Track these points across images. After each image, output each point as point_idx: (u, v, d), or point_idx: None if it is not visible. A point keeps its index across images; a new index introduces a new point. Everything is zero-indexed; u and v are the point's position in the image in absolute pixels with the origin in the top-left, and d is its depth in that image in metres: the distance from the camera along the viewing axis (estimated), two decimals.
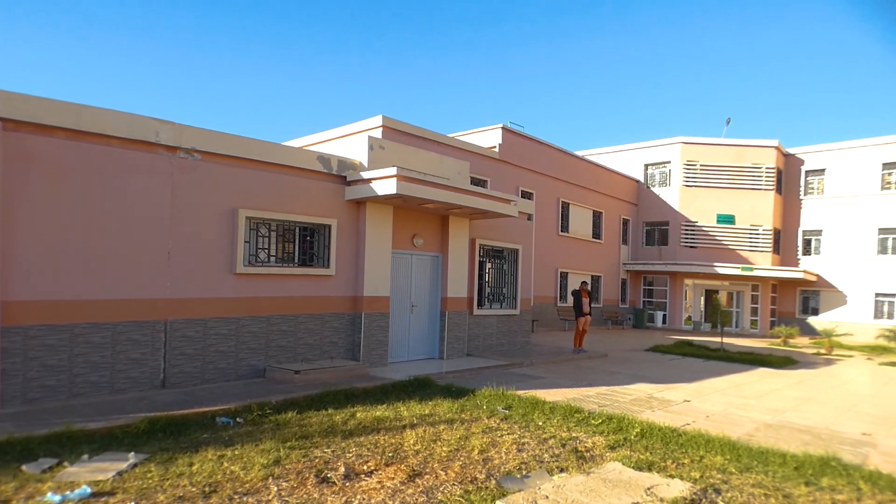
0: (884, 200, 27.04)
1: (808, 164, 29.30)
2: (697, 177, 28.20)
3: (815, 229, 29.01)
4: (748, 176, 28.13)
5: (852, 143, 28.22)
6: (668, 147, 28.86)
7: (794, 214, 29.51)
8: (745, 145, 28.36)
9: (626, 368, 12.53)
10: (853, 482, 5.30)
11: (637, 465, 5.51)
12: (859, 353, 19.81)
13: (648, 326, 27.33)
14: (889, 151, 26.99)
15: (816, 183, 29.32)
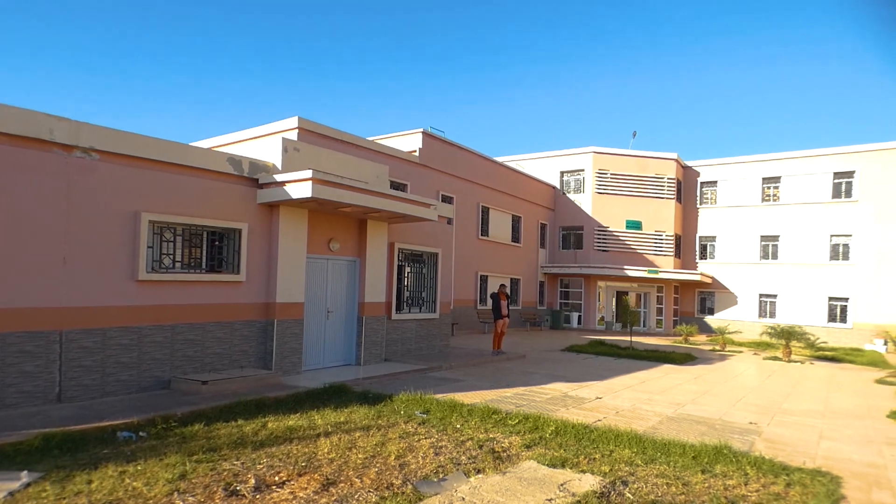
0: (765, 211, 29.93)
1: (703, 177, 31.77)
2: (608, 185, 29.70)
3: (709, 235, 31.47)
4: (652, 185, 30.01)
5: (738, 159, 30.98)
6: (582, 156, 30.20)
7: (692, 222, 31.82)
8: (648, 157, 30.24)
9: (543, 369, 12.93)
10: (741, 468, 5.75)
11: (551, 463, 5.68)
12: (748, 349, 21.58)
13: (565, 327, 28.41)
14: (767, 167, 29.98)
15: (710, 194, 31.82)
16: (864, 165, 27.59)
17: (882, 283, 26.73)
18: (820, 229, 28.43)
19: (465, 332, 21.93)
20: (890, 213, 26.80)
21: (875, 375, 14.97)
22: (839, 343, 26.08)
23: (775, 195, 29.93)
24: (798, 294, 28.72)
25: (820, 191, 28.69)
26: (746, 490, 5.17)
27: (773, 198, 29.97)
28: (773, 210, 29.73)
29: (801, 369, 16.05)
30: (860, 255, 27.39)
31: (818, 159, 28.84)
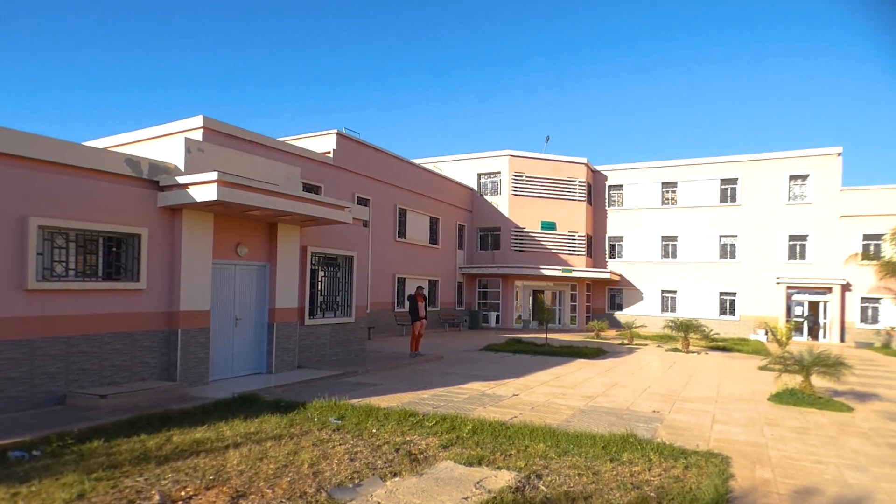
0: (665, 213, 32.23)
1: (611, 180, 33.59)
2: (524, 187, 30.63)
3: (617, 236, 33.30)
4: (565, 188, 31.30)
5: (641, 165, 33.13)
6: (498, 159, 30.95)
7: (602, 223, 33.53)
8: (561, 161, 31.50)
9: (461, 369, 13.11)
10: (646, 454, 6.12)
11: (468, 461, 5.78)
12: (652, 342, 22.98)
13: (483, 327, 28.95)
14: (666, 173, 32.31)
15: (617, 196, 33.67)
16: (745, 173, 30.42)
17: (761, 280, 29.51)
18: (711, 231, 31.02)
19: (382, 335, 21.81)
20: (766, 216, 29.73)
21: (758, 363, 16.37)
22: (729, 334, 28.45)
23: (673, 199, 32.22)
24: (695, 290, 31.09)
25: (710, 195, 31.28)
26: (650, 475, 5.51)
27: (671, 201, 32.28)
28: (672, 213, 32.00)
29: (697, 359, 17.30)
30: (744, 254, 30.11)
31: (708, 167, 31.40)
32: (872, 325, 27.70)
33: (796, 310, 29.21)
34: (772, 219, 29.63)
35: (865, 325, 27.92)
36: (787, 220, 29.36)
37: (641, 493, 4.98)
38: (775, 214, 29.60)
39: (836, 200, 28.49)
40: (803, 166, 29.28)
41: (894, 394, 11.92)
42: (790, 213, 29.36)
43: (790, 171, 29.51)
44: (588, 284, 32.18)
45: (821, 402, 9.83)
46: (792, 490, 5.34)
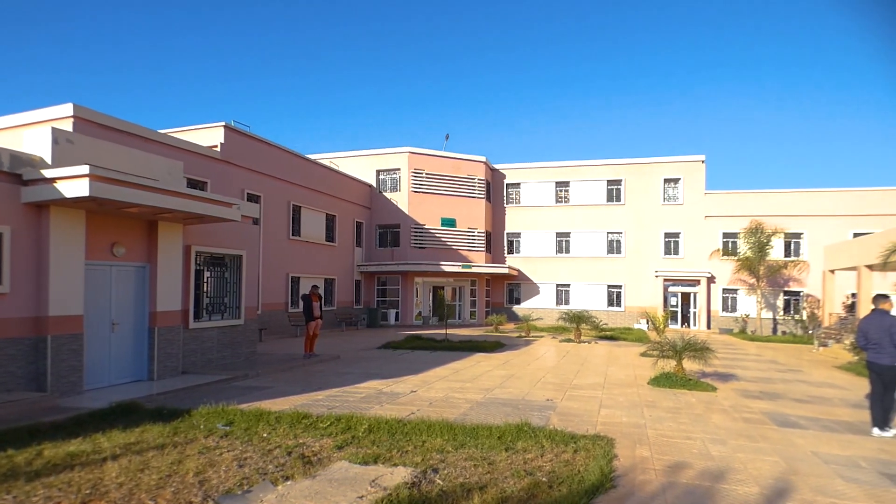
0: (559, 211, 33.93)
1: (509, 179, 34.75)
2: (424, 184, 30.81)
3: (515, 232, 34.53)
4: (465, 185, 31.89)
5: (537, 165, 34.65)
6: (398, 155, 30.88)
7: (501, 220, 34.59)
8: (461, 158, 32.06)
9: (358, 368, 12.94)
10: (539, 441, 6.38)
11: (364, 460, 5.72)
12: (548, 334, 24.05)
13: (382, 325, 28.78)
14: (560, 173, 34.10)
15: (515, 194, 34.90)
16: (628, 175, 32.85)
17: (643, 273, 31.95)
18: (600, 228, 33.10)
19: (275, 337, 21.06)
20: (646, 215, 32.31)
21: (640, 350, 17.66)
22: (616, 324, 30.55)
23: (566, 198, 33.98)
24: (586, 283, 32.99)
25: (598, 195, 33.39)
26: (542, 461, 5.75)
27: (564, 200, 34.05)
28: (565, 211, 33.74)
29: (588, 348, 18.34)
30: (629, 250, 32.45)
31: (596, 168, 33.49)
32: (732, 313, 30.96)
33: (671, 300, 31.92)
34: (651, 218, 32.20)
35: (726, 313, 31.16)
36: (663, 219, 32.08)
37: (534, 478, 5.18)
38: (653, 214, 32.21)
39: (701, 202, 31.53)
40: (675, 171, 32.09)
41: (749, 374, 13.35)
42: (665, 213, 32.08)
43: (665, 175, 32.25)
44: (487, 280, 33.06)
45: (691, 384, 10.79)
46: (666, 465, 5.81)
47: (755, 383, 11.88)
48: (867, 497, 5.12)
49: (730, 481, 5.39)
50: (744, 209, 30.69)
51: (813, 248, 29.54)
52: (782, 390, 11.10)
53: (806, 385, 11.95)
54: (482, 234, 32.16)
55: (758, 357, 17.63)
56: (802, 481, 5.50)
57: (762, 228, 28.10)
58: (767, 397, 10.21)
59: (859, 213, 29.46)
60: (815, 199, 30.41)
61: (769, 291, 30.10)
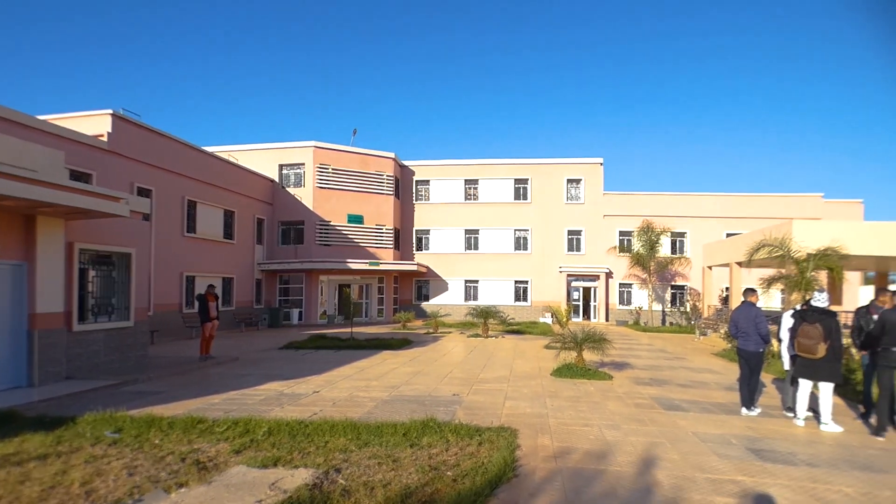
0: (468, 209, 34.55)
1: (418, 176, 34.84)
2: (330, 179, 30.11)
3: (424, 229, 34.69)
4: (373, 181, 31.54)
5: (446, 162, 35.02)
6: (302, 150, 29.97)
7: (409, 216, 34.59)
8: (369, 154, 31.67)
9: (258, 369, 12.41)
10: (444, 436, 6.41)
11: (263, 464, 5.50)
12: (456, 330, 24.37)
13: (285, 324, 27.80)
14: (469, 171, 34.74)
15: (424, 191, 35.05)
16: (533, 175, 34.05)
17: (548, 269, 33.28)
18: (507, 225, 34.07)
19: (169, 339, 19.78)
20: (551, 213, 33.67)
21: (544, 343, 18.36)
22: (523, 318, 31.58)
23: (475, 195, 34.62)
24: (494, 279, 33.81)
25: (506, 193, 34.32)
26: (447, 455, 5.77)
27: (473, 197, 34.69)
28: (474, 208, 34.36)
29: (495, 342, 18.78)
30: (534, 247, 33.64)
31: (504, 167, 34.41)
32: (627, 306, 33.06)
33: (574, 294, 33.49)
34: (555, 216, 33.58)
35: (623, 306, 33.23)
36: (566, 217, 33.56)
37: (438, 473, 5.19)
38: (557, 212, 33.62)
39: (600, 202, 33.38)
40: (577, 172, 33.71)
41: (641, 362, 14.27)
42: (568, 212, 33.59)
43: (567, 176, 33.78)
44: (396, 277, 32.94)
45: (590, 374, 11.35)
46: (564, 452, 6.04)
47: (646, 371, 12.70)
48: (736, 470, 5.63)
49: (623, 463, 5.70)
50: (637, 209, 32.87)
51: (695, 246, 32.22)
52: (669, 377, 11.95)
53: (689, 371, 12.94)
54: (390, 231, 31.99)
55: (649, 346, 18.88)
56: (683, 459, 5.93)
57: (652, 227, 30.26)
58: (656, 383, 10.94)
59: (732, 216, 32.52)
60: (696, 202, 33.16)
61: (659, 285, 32.43)
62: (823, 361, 7.40)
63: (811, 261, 16.11)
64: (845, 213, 32.62)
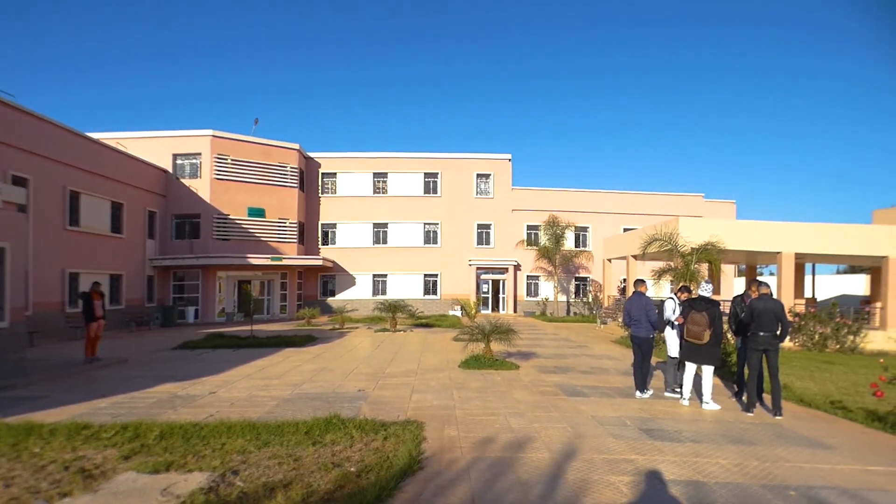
0: (377, 202, 34.16)
1: (324, 168, 33.95)
2: (229, 170, 28.55)
3: (331, 223, 33.89)
4: (275, 173, 30.28)
5: (354, 155, 34.45)
6: (199, 139, 28.17)
7: (315, 210, 33.64)
8: (272, 145, 30.36)
9: (149, 371, 11.52)
10: (348, 433, 6.24)
11: (154, 469, 5.14)
12: (363, 325, 24.02)
13: (179, 323, 26.08)
14: (378, 164, 34.39)
15: (331, 184, 34.24)
16: (444, 169, 34.32)
17: (458, 262, 33.73)
18: (417, 219, 34.09)
19: (51, 340, 17.96)
20: (461, 207, 34.12)
21: (453, 335, 18.54)
22: (433, 311, 31.76)
23: (384, 188, 34.29)
24: (403, 273, 33.73)
25: (416, 187, 34.33)
26: (352, 452, 5.63)
27: (382, 191, 34.35)
28: (383, 201, 34.03)
29: (403, 336, 18.69)
30: (444, 240, 33.94)
31: (414, 161, 34.39)
32: (535, 298, 34.27)
33: (483, 287, 34.18)
34: (465, 210, 34.06)
35: (530, 297, 34.41)
36: (476, 212, 34.14)
37: (342, 470, 5.05)
38: (467, 206, 34.12)
39: (509, 197, 34.28)
40: (486, 167, 34.37)
41: (546, 351, 14.78)
42: (478, 206, 34.19)
43: (477, 171, 34.35)
44: (300, 272, 31.96)
45: (497, 364, 11.56)
46: (471, 442, 6.07)
47: (551, 359, 13.16)
48: (630, 450, 5.94)
49: (527, 450, 5.81)
50: (544, 205, 34.12)
51: (596, 240, 34.00)
52: (572, 364, 12.45)
53: (590, 358, 13.56)
54: (294, 225, 30.90)
55: (554, 336, 19.62)
56: (584, 442, 6.16)
57: (558, 222, 31.55)
58: (560, 371, 11.35)
59: (628, 212, 34.68)
60: (597, 199, 35.01)
61: (564, 277, 33.91)
62: (707, 346, 8.05)
63: (694, 254, 17.45)
64: (721, 211, 35.80)
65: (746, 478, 5.16)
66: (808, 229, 21.01)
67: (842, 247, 21.19)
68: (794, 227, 20.95)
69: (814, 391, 9.84)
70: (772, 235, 20.63)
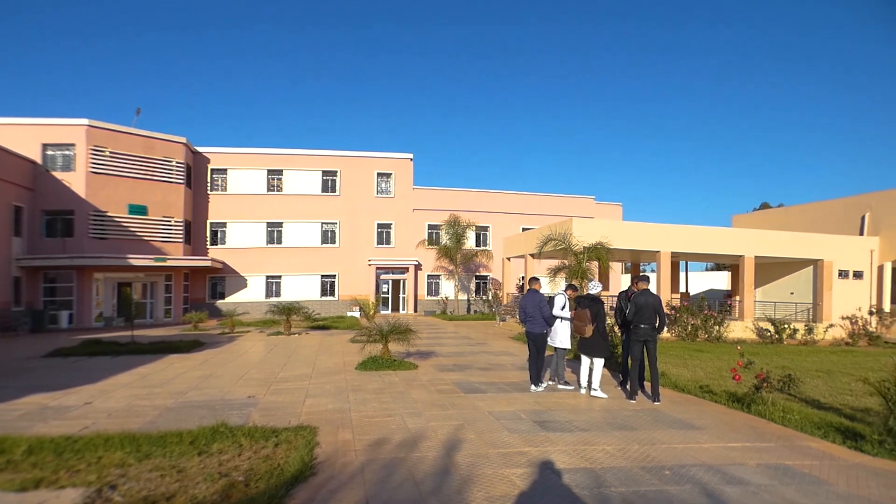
0: (271, 200, 32.87)
1: (214, 163, 32.11)
2: (107, 164, 26.12)
3: (220, 222, 32.11)
4: (160, 168, 28.15)
5: (247, 150, 32.88)
6: (72, 128, 25.52)
7: (203, 207, 31.71)
8: (156, 138, 28.16)
9: (16, 381, 10.27)
10: (237, 441, 5.92)
11: (22, 487, 4.71)
12: (255, 328, 22.96)
13: (52, 329, 23.54)
14: (273, 160, 33.11)
15: (221, 181, 32.44)
16: (343, 167, 33.77)
17: (357, 262, 33.29)
18: (314, 218, 33.21)
19: None
20: (360, 206, 33.70)
21: (350, 336, 18.24)
22: (330, 313, 31.09)
23: (279, 186, 33.06)
24: (299, 274, 32.71)
25: (313, 185, 33.44)
26: (240, 460, 5.35)
27: (278, 189, 33.09)
28: (278, 199, 32.80)
29: (298, 340, 18.09)
30: (343, 240, 33.36)
31: (312, 158, 33.50)
32: (435, 297, 34.61)
33: (384, 287, 33.97)
34: (365, 209, 33.66)
35: (431, 296, 34.70)
36: (376, 211, 33.86)
37: (229, 479, 4.83)
38: (367, 205, 33.75)
39: (410, 196, 34.34)
40: (387, 166, 34.21)
41: (446, 350, 14.94)
42: (378, 205, 33.93)
43: (378, 169, 34.09)
44: (186, 273, 30.01)
45: (396, 364, 11.50)
46: (366, 445, 5.97)
47: (450, 358, 13.31)
48: (524, 442, 6.13)
49: (422, 448, 5.81)
50: (445, 204, 34.49)
51: (496, 239, 34.96)
52: (471, 362, 12.66)
53: (489, 355, 13.88)
54: (181, 224, 28.90)
55: (454, 334, 19.88)
56: (479, 437, 6.27)
57: (459, 221, 32.01)
58: (459, 369, 11.50)
59: (526, 213, 35.97)
60: (497, 199, 36.01)
61: (465, 276, 34.53)
62: (594, 340, 8.72)
63: (586, 253, 18.46)
64: (610, 213, 38.18)
65: (629, 461, 5.49)
66: (682, 231, 23.02)
67: (709, 246, 23.47)
68: (670, 228, 22.83)
69: (687, 377, 10.76)
70: (652, 236, 22.34)
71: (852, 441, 6.33)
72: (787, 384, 8.68)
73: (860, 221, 26.88)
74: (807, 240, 24.78)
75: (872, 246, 25.84)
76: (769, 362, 12.96)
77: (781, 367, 10.97)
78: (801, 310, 25.94)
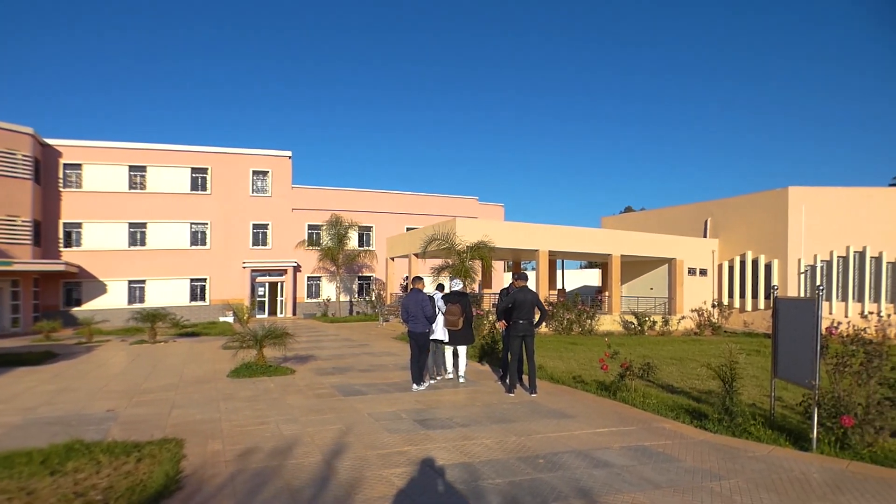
0: (133, 198, 30.36)
1: (67, 158, 28.98)
2: None
3: (75, 221, 29.04)
4: (3, 162, 24.88)
5: (105, 144, 30.11)
6: None
7: (55, 206, 28.50)
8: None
9: None
10: (94, 458, 5.39)
11: None
12: (116, 337, 20.98)
13: None
14: (135, 156, 30.55)
15: (75, 177, 29.34)
16: (215, 164, 31.89)
17: (230, 265, 31.61)
18: (183, 218, 31.07)
19: None
20: (234, 206, 32.11)
21: (222, 343, 17.24)
22: (200, 319, 29.20)
23: (143, 184, 30.51)
24: (166, 278, 30.39)
25: (182, 183, 31.24)
26: (98, 478, 4.91)
27: (140, 186, 30.55)
28: (142, 198, 30.30)
29: (164, 348, 16.79)
30: (214, 241, 31.49)
31: (179, 154, 31.32)
32: (316, 299, 33.78)
33: (259, 290, 32.51)
34: (239, 208, 32.01)
35: (311, 298, 33.82)
36: (251, 210, 32.32)
37: (86, 499, 4.43)
38: (242, 205, 32.12)
39: (289, 195, 33.21)
40: (264, 164, 32.81)
41: (325, 353, 14.63)
42: (254, 204, 32.41)
43: (253, 167, 32.57)
44: (36, 279, 26.76)
45: (271, 370, 11.04)
46: (237, 455, 5.67)
47: (329, 361, 13.03)
48: (404, 442, 6.15)
49: (297, 455, 5.62)
50: (326, 204, 33.71)
51: (380, 239, 34.81)
52: (351, 364, 12.49)
53: (370, 356, 13.78)
54: (28, 224, 25.71)
55: (335, 336, 19.49)
56: (358, 440, 6.20)
57: (341, 221, 31.43)
58: (338, 372, 11.29)
59: (410, 213, 36.20)
60: (380, 199, 35.88)
61: (347, 277, 33.97)
62: (462, 330, 9.66)
63: (468, 252, 18.97)
64: (492, 213, 39.55)
65: (506, 453, 5.71)
66: (559, 231, 24.47)
67: (582, 246, 25.17)
68: (548, 228, 24.16)
69: (562, 369, 11.43)
70: (532, 235, 23.50)
71: (698, 421, 7.06)
72: (646, 371, 9.58)
73: (704, 225, 30.27)
74: (663, 240, 27.46)
75: (714, 247, 29.27)
76: (632, 352, 14.11)
77: (642, 357, 11.99)
78: (659, 304, 28.63)
